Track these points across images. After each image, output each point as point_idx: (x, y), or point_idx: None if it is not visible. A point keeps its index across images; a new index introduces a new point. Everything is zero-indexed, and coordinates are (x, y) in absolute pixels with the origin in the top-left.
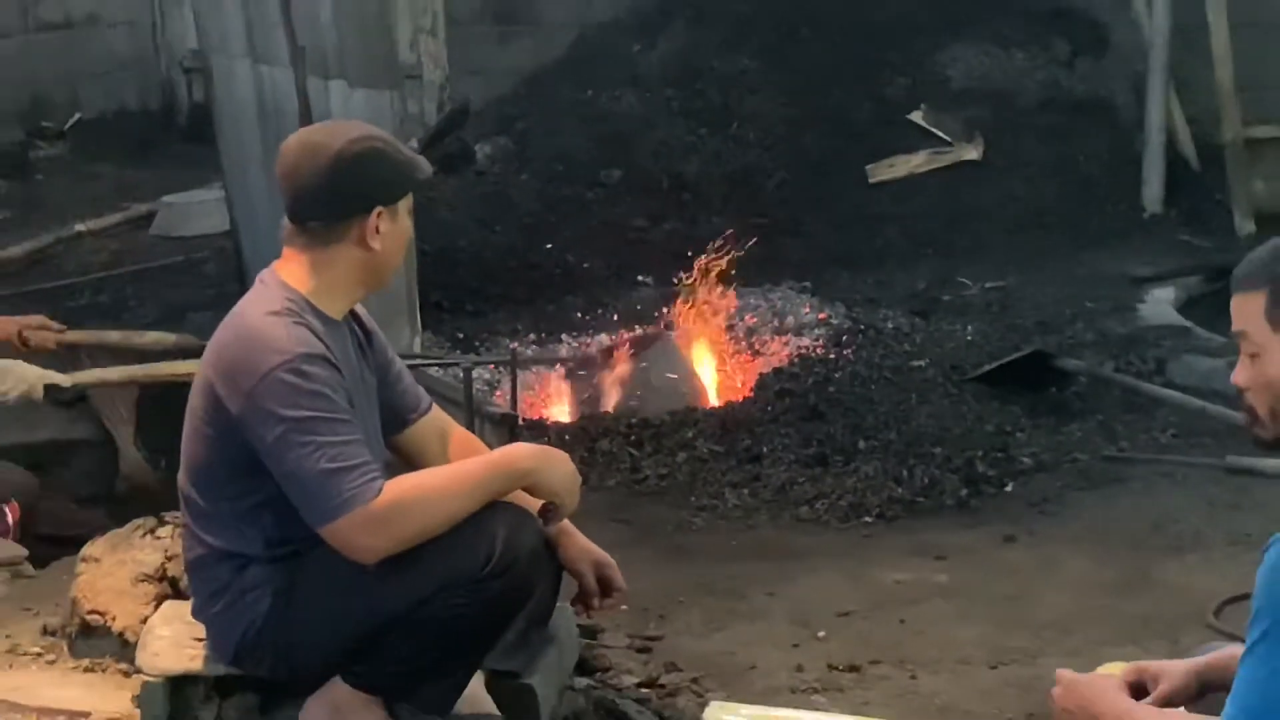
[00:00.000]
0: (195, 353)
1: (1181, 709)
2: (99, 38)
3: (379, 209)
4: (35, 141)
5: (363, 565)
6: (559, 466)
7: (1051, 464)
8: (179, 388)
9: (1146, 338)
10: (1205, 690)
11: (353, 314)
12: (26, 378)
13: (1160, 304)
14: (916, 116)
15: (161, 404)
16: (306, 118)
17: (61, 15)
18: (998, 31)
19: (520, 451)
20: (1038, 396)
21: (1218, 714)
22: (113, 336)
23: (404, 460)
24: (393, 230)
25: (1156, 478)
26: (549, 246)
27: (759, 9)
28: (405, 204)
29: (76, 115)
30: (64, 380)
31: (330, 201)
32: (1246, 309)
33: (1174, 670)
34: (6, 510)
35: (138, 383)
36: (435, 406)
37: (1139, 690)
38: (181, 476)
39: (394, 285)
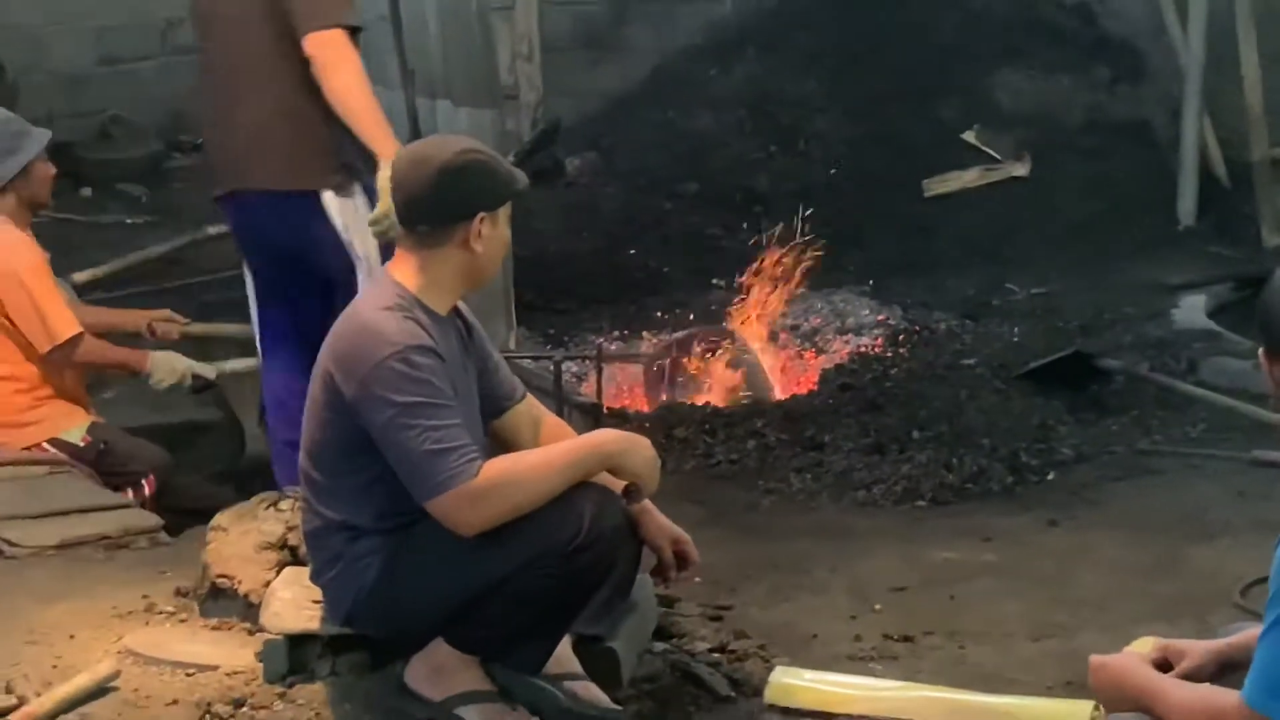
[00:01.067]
0: None
1: (1206, 684)
2: None
3: (481, 215)
4: (172, 153)
5: (463, 537)
6: (641, 451)
7: (1090, 456)
8: None
9: (1179, 341)
10: (1226, 669)
11: (456, 310)
12: (177, 369)
13: (1192, 310)
14: (969, 136)
15: None
16: (415, 134)
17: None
18: (1044, 59)
19: (606, 437)
20: (1078, 394)
21: (1238, 689)
22: (229, 329)
23: (500, 444)
24: (493, 235)
25: (1187, 470)
26: (631, 252)
27: (824, 38)
28: (504, 211)
29: None
30: (208, 371)
31: (437, 208)
32: None
33: (1196, 649)
34: (144, 484)
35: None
36: (529, 395)
37: (1164, 667)
38: (302, 455)
39: (493, 285)
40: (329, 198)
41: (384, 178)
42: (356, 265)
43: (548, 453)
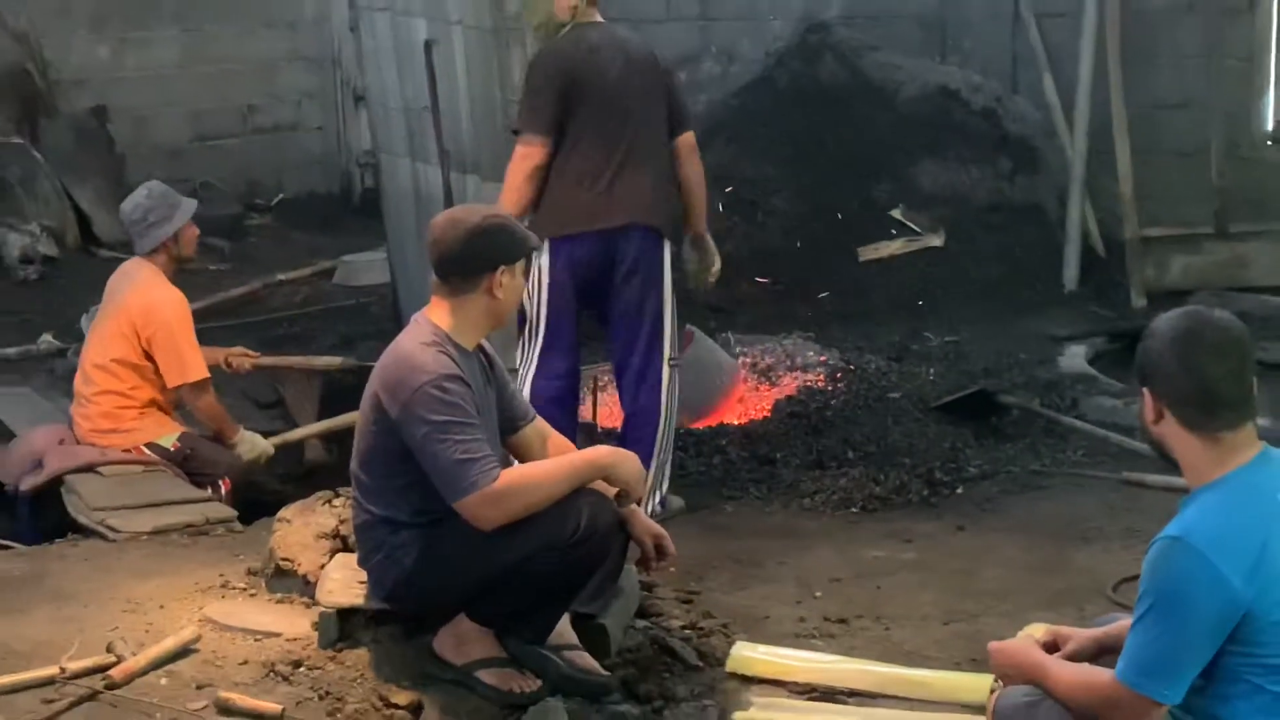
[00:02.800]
0: (354, 370)
1: (1085, 664)
2: (298, 139)
3: (502, 268)
4: (249, 214)
5: (483, 531)
6: (629, 463)
7: (991, 474)
8: (351, 394)
9: (1063, 382)
10: (1103, 652)
11: (480, 346)
12: (258, 447)
13: (1074, 357)
14: (896, 213)
15: (334, 409)
16: (449, 202)
17: (271, 123)
18: (957, 152)
19: (601, 452)
20: (982, 423)
21: (1112, 669)
22: (294, 360)
23: (515, 455)
24: (511, 284)
25: (1070, 486)
26: None
27: (780, 132)
28: (520, 265)
29: (280, 195)
30: (271, 446)
31: (467, 262)
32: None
33: (1079, 634)
34: (221, 483)
35: (320, 435)
36: (539, 417)
37: (1052, 649)
38: (353, 462)
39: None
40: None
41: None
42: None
43: (554, 464)
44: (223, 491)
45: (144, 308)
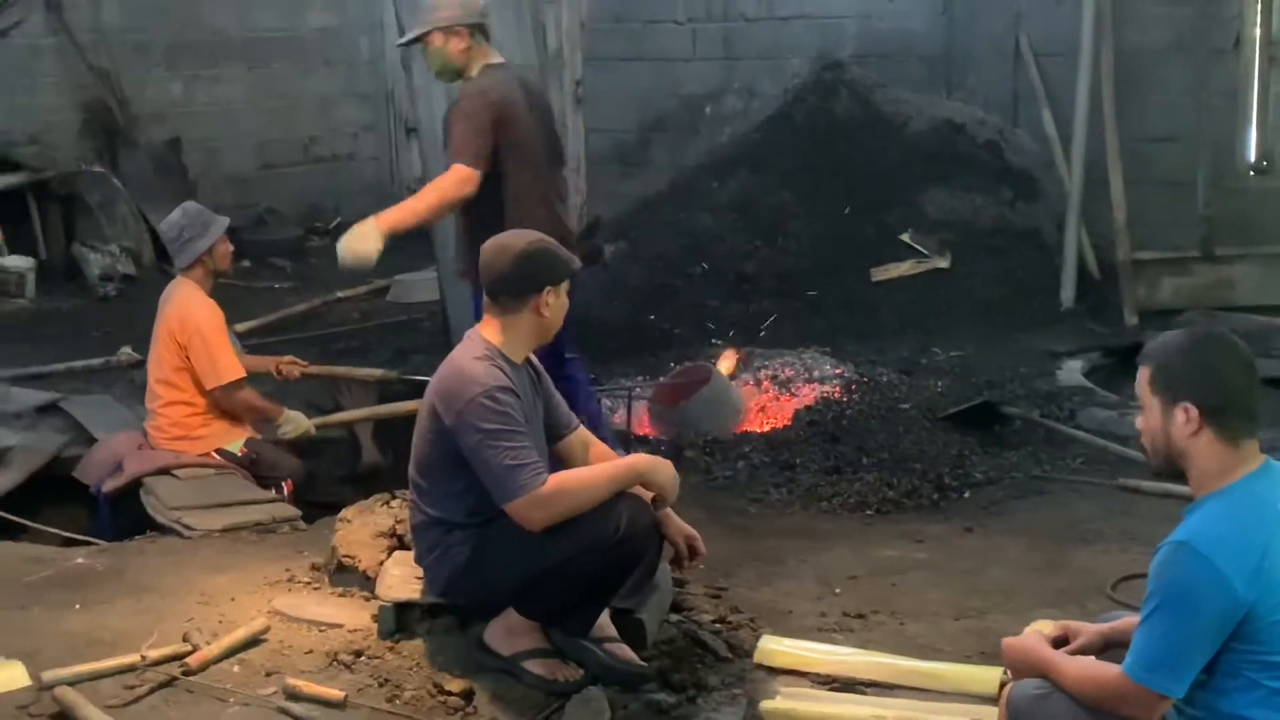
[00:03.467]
0: (404, 380)
1: (1091, 658)
2: (354, 168)
3: (548, 288)
4: (310, 236)
5: (531, 532)
6: (665, 470)
7: (996, 479)
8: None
9: (1062, 394)
10: (1109, 646)
11: (528, 359)
12: (301, 425)
13: (1071, 371)
14: (905, 237)
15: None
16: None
17: (330, 153)
18: (962, 181)
19: (640, 459)
20: (986, 432)
21: (1119, 664)
22: (340, 370)
23: (560, 461)
24: (557, 304)
25: (1069, 492)
26: (651, 317)
27: (798, 162)
28: (565, 286)
29: (338, 219)
30: (313, 426)
31: (516, 283)
32: (1140, 378)
33: (1088, 630)
34: (285, 485)
35: (362, 420)
36: (582, 425)
37: (1061, 643)
38: (411, 467)
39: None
40: None
41: None
42: None
43: (597, 470)
44: (286, 493)
45: (180, 319)
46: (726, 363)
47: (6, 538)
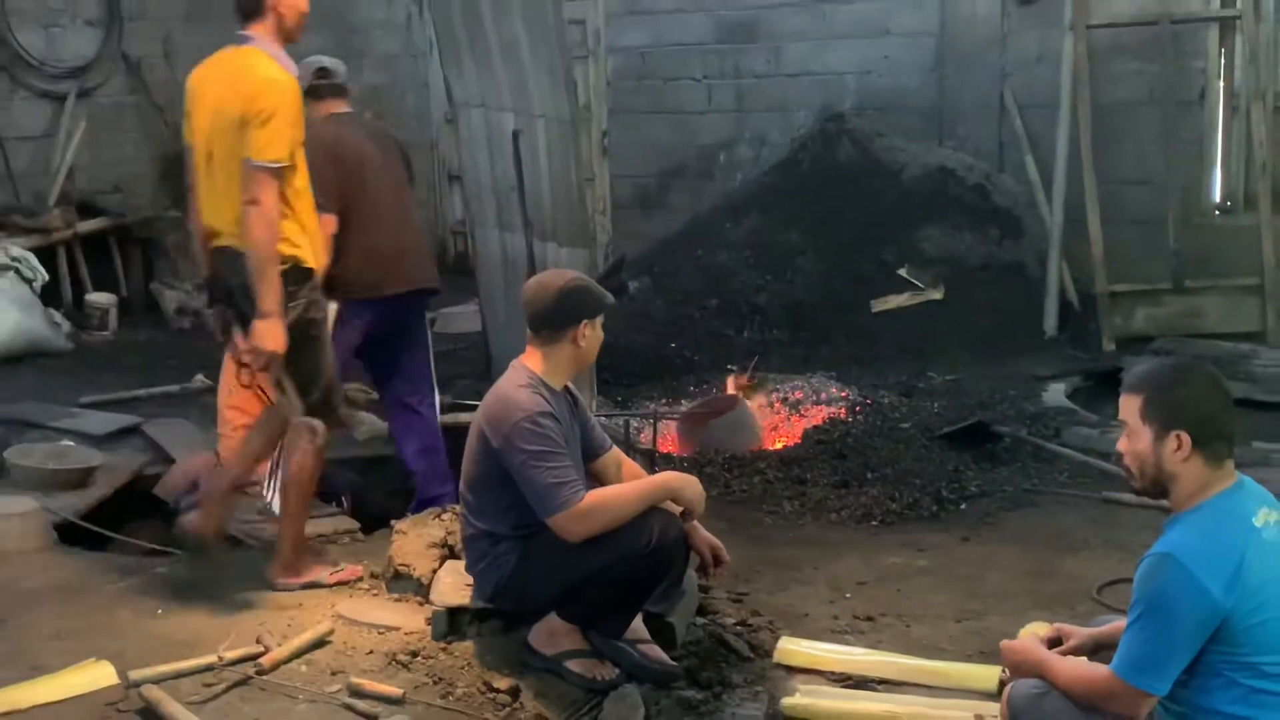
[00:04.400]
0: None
1: (1083, 659)
2: None
3: (586, 321)
4: None
5: (571, 543)
6: (693, 486)
7: (989, 492)
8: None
9: (1047, 414)
10: (1099, 648)
11: (567, 387)
12: (376, 427)
13: (1056, 393)
14: (903, 271)
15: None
16: (532, 266)
17: None
18: (954, 220)
19: (669, 476)
20: (979, 449)
21: (1107, 665)
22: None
23: (596, 479)
24: (593, 335)
25: (1057, 504)
26: (673, 345)
27: (804, 204)
28: (600, 319)
29: None
30: (386, 427)
31: (556, 317)
32: (1128, 406)
33: (1080, 632)
34: (344, 499)
35: None
36: (615, 447)
37: (1055, 643)
38: (461, 484)
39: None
40: None
41: None
42: None
43: (630, 487)
44: (345, 506)
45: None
46: (732, 388)
47: (95, 549)
